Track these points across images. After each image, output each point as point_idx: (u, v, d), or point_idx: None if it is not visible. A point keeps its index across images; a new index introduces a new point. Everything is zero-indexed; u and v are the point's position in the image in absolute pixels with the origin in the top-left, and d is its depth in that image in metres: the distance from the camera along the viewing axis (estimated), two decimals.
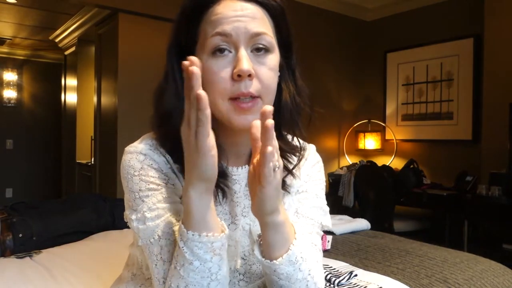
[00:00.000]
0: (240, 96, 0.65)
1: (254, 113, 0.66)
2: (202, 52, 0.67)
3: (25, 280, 1.43)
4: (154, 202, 0.68)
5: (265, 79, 0.67)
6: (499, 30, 3.27)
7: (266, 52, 0.67)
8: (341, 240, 2.04)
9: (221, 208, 0.74)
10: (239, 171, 0.76)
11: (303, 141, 0.82)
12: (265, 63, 0.67)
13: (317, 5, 4.15)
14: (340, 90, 4.46)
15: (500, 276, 1.60)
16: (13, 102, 5.46)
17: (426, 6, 4.02)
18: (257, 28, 0.66)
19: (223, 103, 0.66)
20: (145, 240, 0.68)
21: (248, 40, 0.65)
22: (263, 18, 0.68)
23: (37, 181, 5.55)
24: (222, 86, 0.65)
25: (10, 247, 1.78)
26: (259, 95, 0.66)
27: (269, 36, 0.67)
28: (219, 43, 0.65)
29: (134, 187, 0.69)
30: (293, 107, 0.74)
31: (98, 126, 3.71)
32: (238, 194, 0.76)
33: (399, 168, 3.92)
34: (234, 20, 0.65)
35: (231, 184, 0.75)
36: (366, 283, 1.42)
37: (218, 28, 0.65)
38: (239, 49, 0.65)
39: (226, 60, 0.65)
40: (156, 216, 0.67)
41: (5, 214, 1.91)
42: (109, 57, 3.44)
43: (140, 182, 0.69)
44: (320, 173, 0.87)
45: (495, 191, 3.00)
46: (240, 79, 0.64)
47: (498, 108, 3.20)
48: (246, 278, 0.77)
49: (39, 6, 3.91)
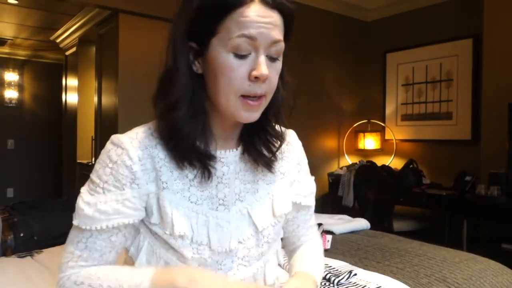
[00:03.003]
0: (253, 95, 0.71)
1: (259, 110, 0.74)
2: (221, 47, 0.70)
3: (26, 279, 1.44)
4: (112, 199, 0.73)
5: (273, 81, 0.73)
6: (499, 30, 3.28)
7: (278, 57, 0.74)
8: (341, 239, 2.05)
9: (208, 192, 0.78)
10: (227, 154, 0.80)
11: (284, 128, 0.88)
12: (275, 68, 0.73)
13: (317, 5, 4.15)
14: (340, 90, 4.47)
15: (499, 276, 1.61)
16: (14, 102, 5.46)
17: (425, 6, 4.02)
18: (277, 36, 0.71)
19: (234, 99, 0.71)
20: (81, 223, 0.73)
21: (268, 45, 0.70)
22: (280, 26, 0.72)
23: (38, 181, 5.56)
24: (239, 83, 0.70)
25: (11, 246, 1.79)
26: (265, 94, 0.73)
27: (283, 43, 0.73)
28: (243, 44, 0.69)
29: (103, 177, 0.74)
30: (280, 99, 0.80)
31: (99, 126, 3.72)
32: (226, 176, 0.80)
33: (398, 168, 3.93)
34: (260, 26, 0.69)
35: (219, 166, 0.79)
36: (366, 283, 1.43)
37: (244, 30, 0.68)
38: (259, 53, 0.70)
39: (245, 60, 0.70)
40: (104, 213, 0.72)
41: (6, 213, 1.92)
42: (109, 57, 3.44)
43: (110, 175, 0.73)
44: (305, 156, 0.96)
45: (494, 191, 3.01)
46: (256, 80, 0.70)
47: (498, 108, 3.21)
48: (244, 262, 0.80)
49: (40, 7, 3.91)
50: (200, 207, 0.76)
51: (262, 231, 0.81)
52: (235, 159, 0.81)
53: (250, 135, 0.82)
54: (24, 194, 5.36)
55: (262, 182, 0.83)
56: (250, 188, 0.82)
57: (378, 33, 4.48)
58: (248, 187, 0.82)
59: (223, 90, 0.71)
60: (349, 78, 4.53)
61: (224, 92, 0.71)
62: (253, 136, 0.81)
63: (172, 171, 0.75)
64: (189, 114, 0.73)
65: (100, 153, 0.77)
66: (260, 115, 0.77)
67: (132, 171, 0.73)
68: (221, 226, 0.77)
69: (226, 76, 0.70)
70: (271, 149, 0.83)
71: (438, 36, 3.92)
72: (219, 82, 0.70)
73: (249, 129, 0.81)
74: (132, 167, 0.73)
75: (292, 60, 0.86)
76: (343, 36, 4.45)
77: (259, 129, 0.81)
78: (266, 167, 0.82)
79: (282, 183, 0.87)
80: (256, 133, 0.81)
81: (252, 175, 0.83)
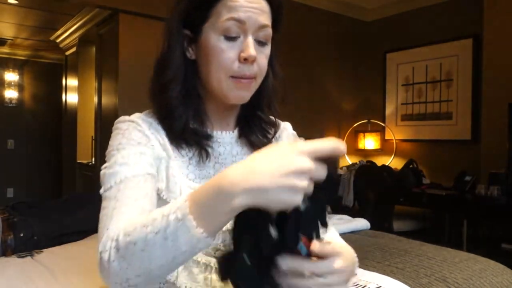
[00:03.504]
0: (243, 77, 0.75)
1: (249, 90, 0.77)
2: (212, 31, 0.74)
3: (26, 279, 1.44)
4: (129, 153, 0.71)
5: (262, 64, 0.77)
6: (499, 30, 3.28)
7: (266, 42, 0.77)
8: None
9: (205, 172, 0.80)
10: (223, 134, 0.84)
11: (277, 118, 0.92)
12: (263, 52, 0.77)
13: (317, 5, 4.15)
14: (340, 90, 4.47)
15: (499, 276, 1.61)
16: (14, 102, 5.46)
17: (425, 6, 4.02)
18: (264, 21, 0.75)
19: (225, 80, 0.74)
20: (105, 186, 0.68)
21: (255, 29, 0.74)
22: (268, 12, 0.77)
23: (38, 181, 5.55)
24: (229, 64, 0.73)
25: (11, 246, 1.79)
26: (255, 76, 0.77)
27: (270, 29, 0.77)
28: (232, 27, 0.73)
29: (115, 142, 0.73)
30: (271, 89, 0.85)
31: (99, 126, 3.71)
32: (223, 156, 0.83)
33: (398, 168, 3.93)
34: (248, 10, 0.73)
35: (216, 146, 0.82)
36: (366, 283, 1.43)
37: (234, 13, 0.72)
38: (248, 36, 0.74)
39: (235, 43, 0.74)
40: (125, 164, 0.69)
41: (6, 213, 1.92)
42: (109, 58, 3.44)
43: (122, 138, 0.74)
44: None
45: (494, 191, 3.01)
46: (245, 62, 0.74)
47: (498, 108, 3.21)
48: None
49: (40, 7, 3.91)
50: (197, 185, 0.77)
51: None
52: (231, 141, 0.85)
53: (246, 121, 0.86)
54: (24, 194, 5.35)
55: None
56: None
57: (378, 33, 4.48)
58: None
59: (214, 71, 0.74)
60: (349, 78, 4.53)
61: (215, 73, 0.74)
62: (249, 122, 0.86)
63: (173, 148, 0.78)
64: (181, 96, 0.77)
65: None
66: (254, 103, 0.82)
67: (145, 134, 0.75)
68: None
69: (216, 58, 0.73)
70: (266, 135, 0.87)
71: (438, 36, 3.92)
72: (211, 64, 0.74)
73: (244, 115, 0.86)
74: (144, 131, 0.75)
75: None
76: (343, 36, 4.45)
77: (254, 116, 0.86)
78: None
79: None
80: (251, 119, 0.86)
81: None
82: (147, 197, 0.68)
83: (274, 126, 0.89)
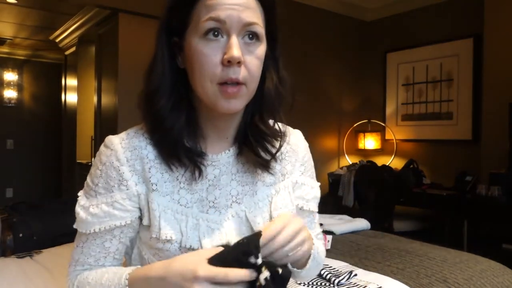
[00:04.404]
0: (228, 81, 0.67)
1: (238, 98, 0.69)
2: (193, 35, 0.69)
3: (25, 279, 1.43)
4: (102, 201, 0.74)
5: (251, 67, 0.69)
6: (499, 30, 3.27)
7: (256, 41, 0.70)
8: (341, 240, 2.05)
9: (198, 195, 0.76)
10: (218, 157, 0.78)
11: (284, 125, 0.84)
12: (253, 52, 0.70)
13: (317, 5, 4.15)
14: (340, 90, 4.46)
15: (499, 276, 1.61)
16: (14, 102, 5.46)
17: (425, 6, 4.02)
18: (249, 18, 0.68)
19: (211, 86, 0.68)
20: (78, 226, 0.76)
21: (240, 28, 0.68)
22: (255, 9, 0.70)
23: (37, 181, 5.55)
24: (211, 70, 0.67)
25: (10, 246, 1.79)
26: (244, 82, 0.69)
27: (259, 27, 0.70)
28: (213, 27, 0.67)
29: (95, 179, 0.75)
30: (276, 96, 0.77)
31: (98, 126, 3.71)
32: (217, 178, 0.77)
33: (399, 168, 3.93)
34: (228, 7, 0.66)
35: (210, 170, 0.77)
36: (366, 283, 1.43)
37: (212, 13, 0.66)
38: (231, 36, 0.67)
39: (217, 44, 0.68)
40: (96, 216, 0.73)
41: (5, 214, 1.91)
42: (109, 57, 3.44)
43: (100, 177, 0.74)
44: (311, 159, 0.92)
45: (494, 191, 3.00)
46: (229, 64, 0.67)
47: (498, 108, 3.20)
48: None
49: (39, 7, 3.91)
50: (190, 210, 0.74)
51: None
52: (229, 160, 0.79)
53: (245, 136, 0.78)
54: (24, 194, 5.35)
55: (261, 184, 0.80)
56: (248, 190, 0.79)
57: (378, 33, 4.48)
58: (246, 189, 0.79)
59: (198, 78, 0.69)
60: (349, 78, 4.53)
61: (199, 80, 0.69)
62: (248, 137, 0.78)
63: (163, 173, 0.74)
64: (169, 105, 0.72)
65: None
66: (254, 112, 0.76)
67: (120, 172, 0.73)
68: (212, 229, 0.75)
69: (198, 63, 0.68)
70: (268, 149, 0.79)
71: (438, 35, 3.91)
72: (194, 70, 0.69)
73: (243, 129, 0.79)
74: (119, 168, 0.73)
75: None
76: (343, 36, 4.44)
77: (254, 130, 0.78)
78: (263, 169, 0.79)
79: (283, 185, 0.83)
80: (251, 134, 0.78)
81: (251, 177, 0.80)
82: (109, 256, 0.76)
83: (278, 137, 0.80)
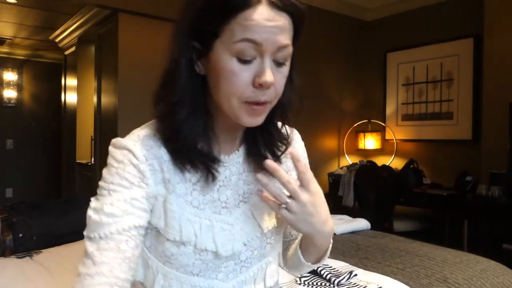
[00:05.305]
0: (257, 102, 0.68)
1: (263, 114, 0.71)
2: (224, 49, 0.66)
3: (25, 279, 1.43)
4: (119, 199, 0.68)
5: (279, 87, 0.70)
6: (499, 30, 3.27)
7: (285, 62, 0.70)
8: (341, 240, 2.04)
9: (209, 196, 0.75)
10: (230, 158, 0.78)
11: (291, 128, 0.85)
12: (281, 73, 0.69)
13: (317, 5, 4.15)
14: (340, 90, 4.46)
15: (500, 276, 1.61)
16: (13, 102, 5.46)
17: (426, 6, 4.01)
18: (284, 41, 0.67)
19: (237, 103, 0.68)
20: (89, 231, 0.68)
21: (274, 51, 0.66)
22: (289, 29, 0.68)
23: (37, 181, 5.55)
24: (241, 89, 0.66)
25: (10, 247, 1.79)
26: (270, 100, 0.69)
27: (291, 47, 0.69)
28: (247, 49, 0.65)
29: (108, 178, 0.70)
30: (287, 102, 0.77)
31: (98, 126, 3.71)
32: (228, 178, 0.77)
33: (399, 168, 3.92)
34: (266, 30, 0.64)
35: (222, 170, 0.77)
36: (366, 283, 1.42)
37: (249, 35, 0.64)
38: (264, 58, 0.66)
39: (250, 65, 0.66)
40: (111, 215, 0.67)
41: (5, 214, 1.91)
42: (109, 57, 3.44)
43: (116, 175, 0.69)
44: (306, 157, 0.95)
45: (495, 191, 3.00)
46: (261, 87, 0.66)
47: (498, 108, 3.20)
48: (247, 264, 0.79)
49: (39, 6, 3.91)
50: (202, 212, 0.74)
51: (266, 232, 0.80)
52: (238, 160, 0.79)
53: (254, 137, 0.79)
54: (23, 194, 5.35)
55: None
56: (254, 188, 0.80)
57: (378, 32, 4.47)
58: (252, 188, 0.80)
59: (225, 94, 0.67)
60: (349, 78, 4.53)
61: (226, 96, 0.67)
62: (257, 138, 0.79)
63: (175, 174, 0.73)
64: (189, 116, 0.70)
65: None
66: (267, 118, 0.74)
67: (140, 169, 0.69)
68: (224, 230, 0.75)
69: (228, 81, 0.66)
70: (274, 152, 0.80)
71: (438, 35, 3.91)
72: (221, 86, 0.67)
73: (252, 130, 0.78)
74: (139, 166, 0.69)
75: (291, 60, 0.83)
76: (343, 35, 4.44)
77: (263, 132, 0.78)
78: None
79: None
80: (260, 135, 0.79)
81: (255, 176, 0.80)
82: (125, 263, 0.67)
83: (285, 141, 0.81)
